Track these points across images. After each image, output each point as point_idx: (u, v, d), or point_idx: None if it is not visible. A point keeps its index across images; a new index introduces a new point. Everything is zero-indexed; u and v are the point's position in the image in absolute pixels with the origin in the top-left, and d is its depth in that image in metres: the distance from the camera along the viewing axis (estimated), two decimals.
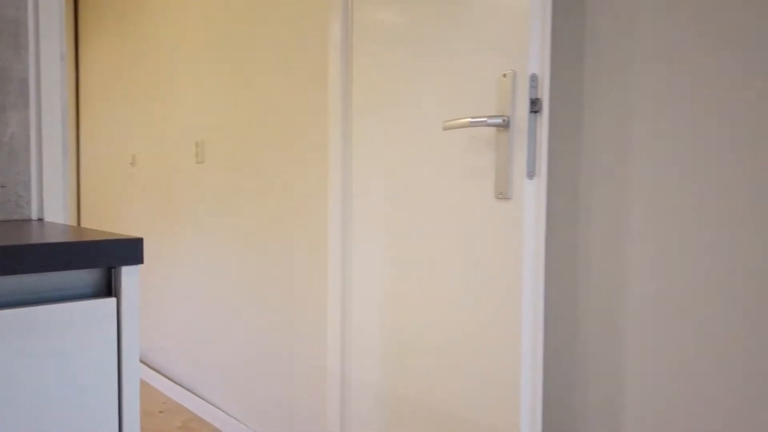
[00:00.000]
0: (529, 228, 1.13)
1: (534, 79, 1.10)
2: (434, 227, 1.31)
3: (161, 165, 2.64)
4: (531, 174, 1.13)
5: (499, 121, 1.13)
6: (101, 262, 0.68)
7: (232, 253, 2.18)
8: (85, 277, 0.70)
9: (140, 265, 0.71)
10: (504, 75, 1.13)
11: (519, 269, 1.13)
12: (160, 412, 2.39)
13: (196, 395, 2.41)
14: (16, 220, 1.04)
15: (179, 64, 2.48)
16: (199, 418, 2.33)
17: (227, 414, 2.22)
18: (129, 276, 0.70)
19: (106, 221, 3.21)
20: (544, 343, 1.30)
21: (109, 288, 0.71)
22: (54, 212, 1.09)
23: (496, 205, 1.17)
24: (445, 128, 1.19)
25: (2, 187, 1.05)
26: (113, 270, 0.71)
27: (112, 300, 0.69)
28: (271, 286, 1.98)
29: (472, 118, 1.14)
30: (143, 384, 2.72)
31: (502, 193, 1.16)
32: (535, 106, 1.11)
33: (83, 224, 3.51)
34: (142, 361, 2.85)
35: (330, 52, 1.61)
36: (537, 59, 1.10)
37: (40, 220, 1.07)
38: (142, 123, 2.80)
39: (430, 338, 1.33)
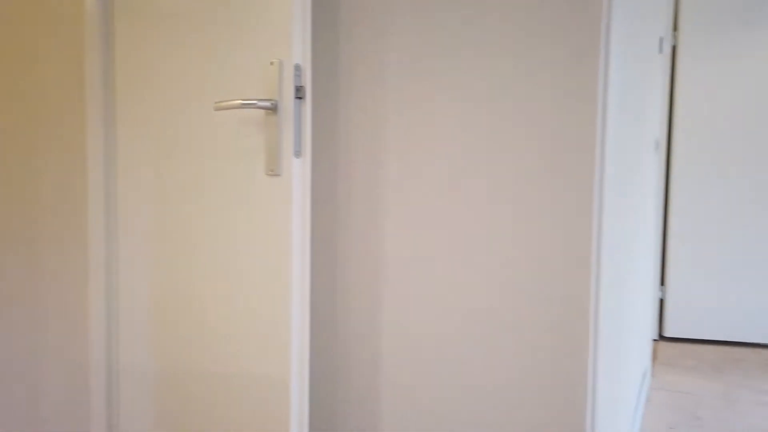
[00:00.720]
0: (297, 200, 1.28)
1: (298, 68, 1.25)
2: (208, 204, 1.37)
3: None
4: (298, 153, 1.27)
5: (268, 104, 1.25)
6: None
7: None
8: None
9: None
10: (272, 63, 1.25)
11: (289, 237, 1.27)
12: None
13: None
14: None
15: None
16: None
17: None
18: None
19: None
20: (311, 299, 1.47)
21: None
22: None
23: (268, 181, 1.29)
24: (216, 109, 1.26)
25: None
26: None
27: None
28: (6, 284, 1.77)
29: (243, 100, 1.24)
30: None
31: (273, 170, 1.28)
32: (299, 92, 1.26)
33: None
34: None
35: (86, 28, 1.52)
36: (299, 51, 1.25)
37: None
38: None
39: (205, 311, 1.39)
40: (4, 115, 1.75)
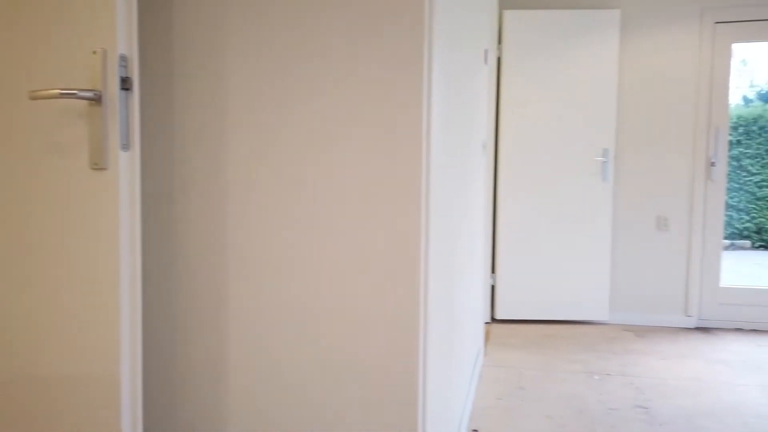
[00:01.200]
0: (124, 194, 1.24)
1: (124, 59, 1.21)
2: (28, 200, 1.28)
3: None
4: (125, 146, 1.24)
5: (90, 95, 1.20)
6: None
7: None
8: None
9: None
10: (94, 52, 1.20)
11: (116, 232, 1.23)
12: None
13: None
14: None
15: None
16: None
17: None
18: None
19: None
20: (147, 296, 1.43)
21: None
22: None
23: (93, 175, 1.23)
24: (32, 98, 1.18)
25: None
26: None
27: None
28: None
29: (62, 89, 1.18)
30: None
31: (98, 164, 1.23)
32: (125, 83, 1.22)
33: None
34: None
35: None
36: (125, 42, 1.22)
37: None
38: None
39: (29, 313, 1.29)
40: None
